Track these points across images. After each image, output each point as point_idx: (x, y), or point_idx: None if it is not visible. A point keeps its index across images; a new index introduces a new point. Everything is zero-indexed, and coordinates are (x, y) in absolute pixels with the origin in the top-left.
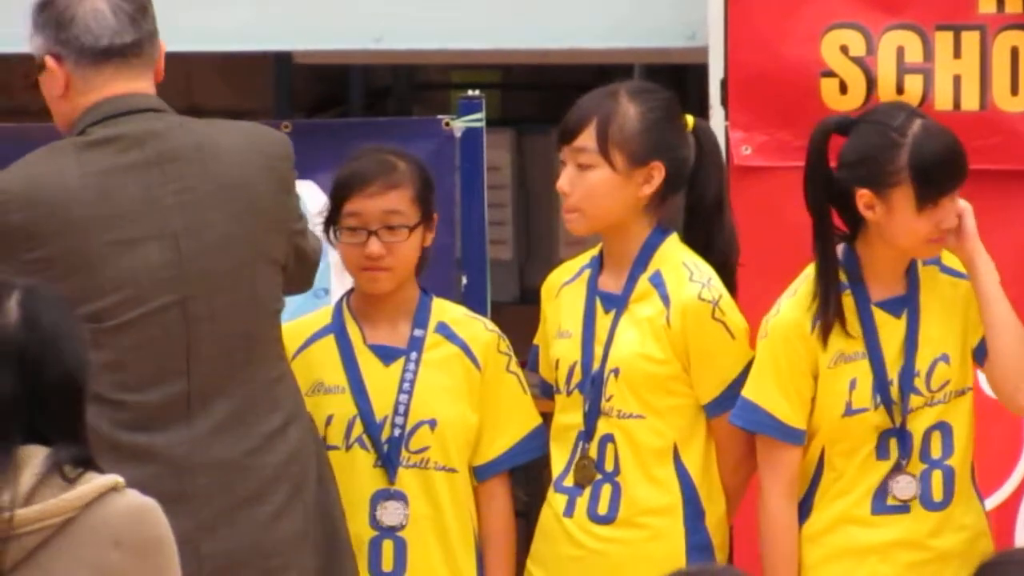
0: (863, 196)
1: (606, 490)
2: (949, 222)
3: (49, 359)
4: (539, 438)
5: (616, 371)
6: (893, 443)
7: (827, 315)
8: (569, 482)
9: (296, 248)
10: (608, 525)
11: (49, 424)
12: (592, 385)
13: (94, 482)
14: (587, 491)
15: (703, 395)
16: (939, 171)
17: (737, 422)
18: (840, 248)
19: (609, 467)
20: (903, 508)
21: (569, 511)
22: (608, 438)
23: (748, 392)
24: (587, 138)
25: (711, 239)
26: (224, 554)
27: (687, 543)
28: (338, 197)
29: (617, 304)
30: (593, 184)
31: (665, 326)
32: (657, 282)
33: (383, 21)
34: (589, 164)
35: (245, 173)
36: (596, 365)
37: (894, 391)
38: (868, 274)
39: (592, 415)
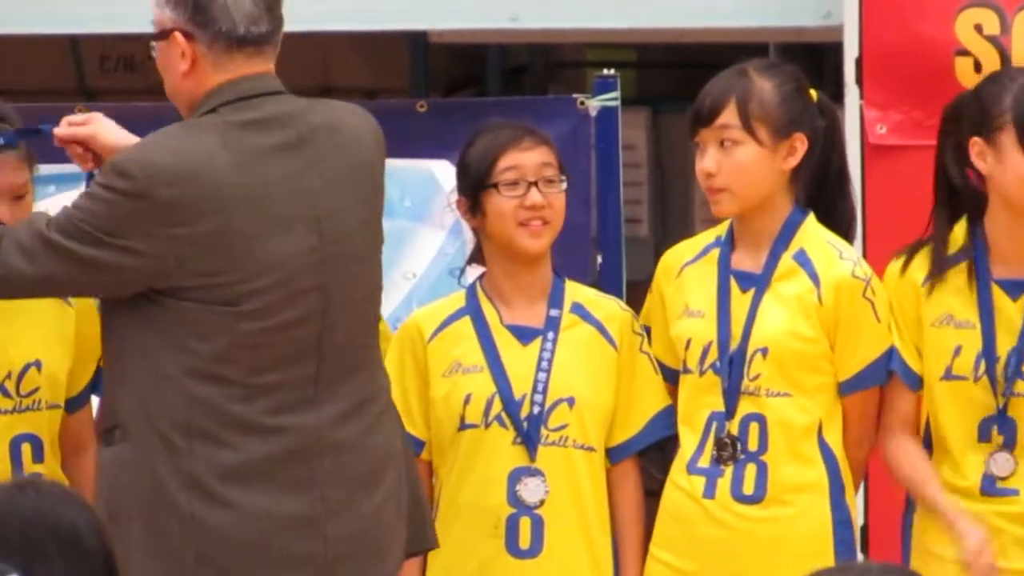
0: (975, 145)
1: (751, 469)
2: None
3: None
4: (668, 417)
5: (764, 350)
6: (995, 429)
7: (936, 260)
8: (704, 463)
9: None
10: (755, 504)
11: None
12: (732, 365)
13: None
14: (729, 471)
15: (842, 372)
16: None
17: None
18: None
19: (753, 446)
20: (1012, 492)
21: (710, 492)
22: (752, 417)
23: None
24: (729, 115)
25: (834, 209)
26: (348, 537)
27: (833, 519)
28: (489, 157)
29: (757, 283)
30: (741, 161)
31: (817, 304)
32: (802, 260)
33: (519, 0)
34: (734, 141)
35: (369, 155)
36: (735, 344)
37: (999, 368)
38: (994, 251)
39: (732, 395)
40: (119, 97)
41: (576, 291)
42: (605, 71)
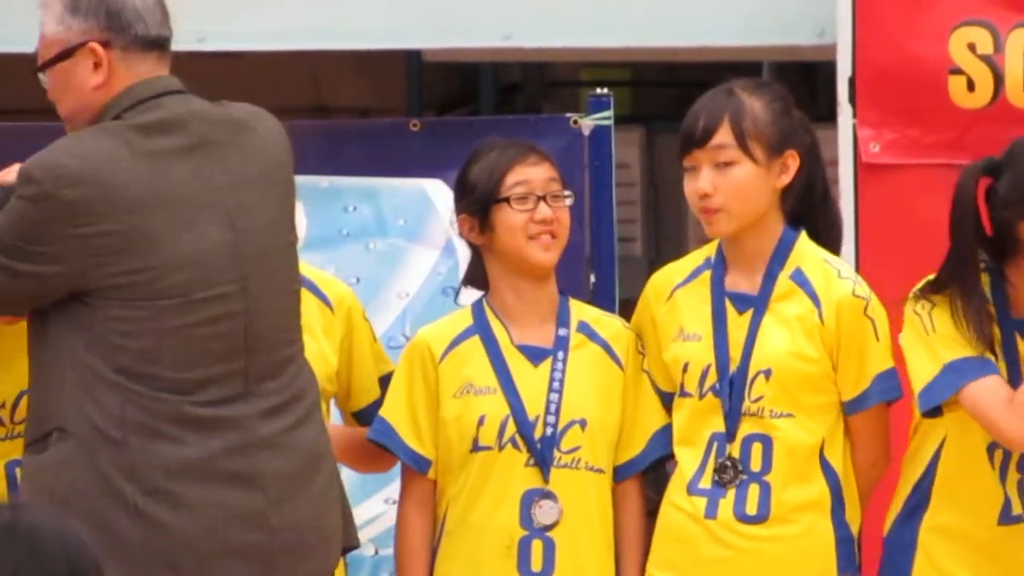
0: None
1: (753, 490)
2: None
3: None
4: (667, 435)
5: (767, 372)
6: (998, 452)
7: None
8: (705, 484)
9: None
10: (759, 524)
11: None
12: (732, 387)
13: None
14: (731, 492)
15: (845, 392)
16: None
17: (947, 393)
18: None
19: (756, 467)
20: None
21: (711, 513)
22: (754, 438)
23: (933, 359)
24: (724, 135)
25: (819, 226)
26: (292, 526)
27: (836, 537)
28: (497, 172)
29: (755, 304)
30: (738, 180)
31: (819, 324)
32: (800, 280)
33: (513, 18)
34: (730, 161)
35: (279, 157)
36: (734, 367)
37: None
38: (1014, 296)
39: (733, 417)
40: None
41: (581, 310)
42: (599, 90)
